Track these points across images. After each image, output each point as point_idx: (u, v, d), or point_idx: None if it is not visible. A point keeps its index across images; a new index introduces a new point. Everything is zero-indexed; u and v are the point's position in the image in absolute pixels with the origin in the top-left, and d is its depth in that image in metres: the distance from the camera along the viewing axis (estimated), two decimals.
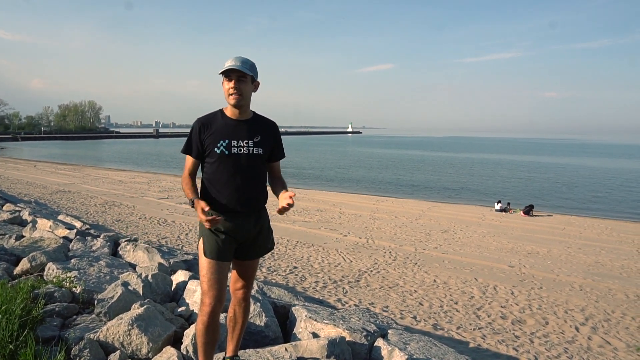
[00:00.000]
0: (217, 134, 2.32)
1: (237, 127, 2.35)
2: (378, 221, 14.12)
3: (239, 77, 2.28)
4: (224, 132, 2.32)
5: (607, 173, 38.89)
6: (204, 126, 2.34)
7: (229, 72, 2.26)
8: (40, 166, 31.31)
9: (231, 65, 2.25)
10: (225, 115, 2.38)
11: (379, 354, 3.05)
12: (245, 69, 2.26)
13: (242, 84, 2.29)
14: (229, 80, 2.28)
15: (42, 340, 2.86)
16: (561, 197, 24.22)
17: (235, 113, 2.37)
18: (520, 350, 5.33)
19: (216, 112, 2.41)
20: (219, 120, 2.36)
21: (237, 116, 2.37)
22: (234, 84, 2.27)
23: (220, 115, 2.39)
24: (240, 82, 2.28)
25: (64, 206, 13.66)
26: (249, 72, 2.28)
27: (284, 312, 3.65)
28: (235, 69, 2.24)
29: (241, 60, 2.28)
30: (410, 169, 40.85)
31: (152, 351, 2.86)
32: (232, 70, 2.25)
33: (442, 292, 7.38)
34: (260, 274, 7.61)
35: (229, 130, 2.33)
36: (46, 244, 5.37)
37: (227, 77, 2.28)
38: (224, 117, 2.38)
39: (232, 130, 2.33)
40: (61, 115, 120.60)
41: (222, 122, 2.36)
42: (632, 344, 5.77)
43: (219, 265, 2.29)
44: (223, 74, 2.28)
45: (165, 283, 4.15)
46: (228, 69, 2.25)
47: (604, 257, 10.51)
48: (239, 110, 2.36)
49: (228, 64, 2.27)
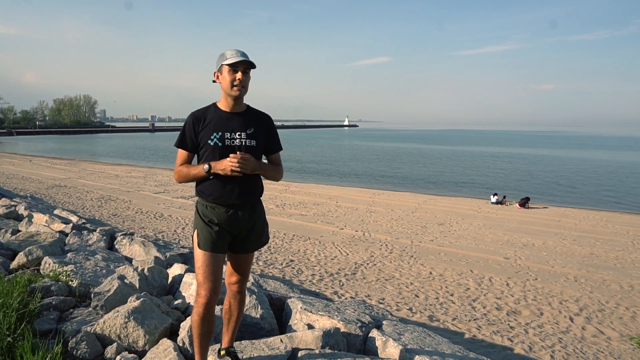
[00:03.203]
0: (211, 126, 2.32)
1: (231, 120, 2.35)
2: (374, 214, 14.16)
3: (244, 70, 2.29)
4: (217, 125, 2.33)
5: (602, 165, 39.06)
6: (198, 120, 2.35)
7: (238, 64, 2.26)
8: (35, 161, 31.17)
9: (240, 57, 2.26)
10: (219, 108, 2.38)
11: (373, 345, 3.09)
12: (252, 62, 2.29)
13: (246, 77, 2.30)
14: (234, 71, 2.28)
15: (39, 333, 2.87)
16: (557, 189, 24.34)
17: (230, 105, 2.37)
18: (515, 341, 5.39)
19: (209, 106, 2.41)
20: (212, 113, 2.37)
21: (231, 109, 2.37)
22: (242, 76, 2.27)
23: (213, 109, 2.39)
24: (245, 75, 2.29)
25: (60, 201, 13.63)
26: (255, 66, 2.30)
27: (280, 304, 3.68)
28: (246, 60, 2.26)
29: (244, 53, 2.29)
30: (407, 162, 40.92)
31: (148, 343, 2.88)
32: (242, 62, 2.26)
33: (438, 284, 7.43)
34: (256, 267, 7.64)
35: (222, 123, 2.33)
36: (42, 238, 5.37)
37: (233, 68, 2.28)
38: (217, 110, 2.38)
39: (226, 123, 2.34)
40: (56, 109, 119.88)
41: (216, 115, 2.36)
42: (625, 333, 5.84)
43: (214, 257, 2.31)
44: (230, 65, 2.27)
45: (161, 276, 4.17)
46: (239, 61, 2.25)
47: (599, 249, 10.59)
48: (235, 102, 2.36)
49: (231, 54, 2.27)
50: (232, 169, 2.21)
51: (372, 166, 36.44)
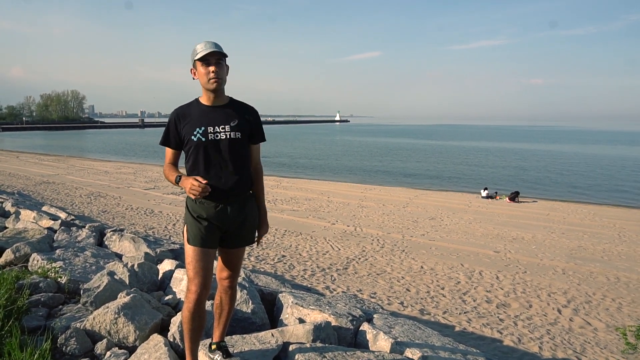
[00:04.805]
0: (193, 122, 2.30)
1: (213, 113, 2.32)
2: (366, 209, 14.20)
3: (217, 61, 2.25)
4: (200, 120, 2.30)
5: (593, 159, 39.53)
6: (180, 116, 2.32)
7: (209, 56, 2.23)
8: (23, 157, 30.74)
9: (209, 49, 2.22)
10: (201, 103, 2.35)
11: (364, 338, 3.11)
12: (223, 51, 2.25)
13: (220, 68, 2.26)
14: (207, 65, 2.24)
15: (27, 330, 2.84)
16: (546, 183, 24.58)
17: (211, 99, 2.33)
18: (504, 333, 5.46)
19: (192, 102, 2.39)
20: (194, 108, 2.34)
21: (213, 102, 2.34)
22: (215, 68, 2.24)
23: (196, 104, 2.36)
24: (219, 66, 2.25)
25: (48, 197, 13.48)
26: (226, 55, 2.27)
27: (271, 299, 3.68)
28: (215, 51, 2.22)
29: (214, 44, 2.25)
30: (398, 157, 41.03)
31: (139, 339, 2.87)
32: (212, 53, 2.22)
33: (429, 278, 7.49)
34: (248, 262, 7.64)
35: (205, 117, 2.30)
36: (30, 235, 5.32)
37: (205, 62, 2.24)
38: (199, 105, 2.35)
39: (208, 117, 2.31)
40: (43, 105, 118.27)
41: (198, 109, 2.33)
42: (612, 324, 5.94)
43: (204, 253, 2.30)
44: (201, 59, 2.24)
45: (151, 272, 4.15)
46: (208, 53, 2.22)
47: (587, 242, 10.74)
48: (215, 95, 2.32)
49: (201, 48, 2.23)
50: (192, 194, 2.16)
51: (364, 161, 36.49)
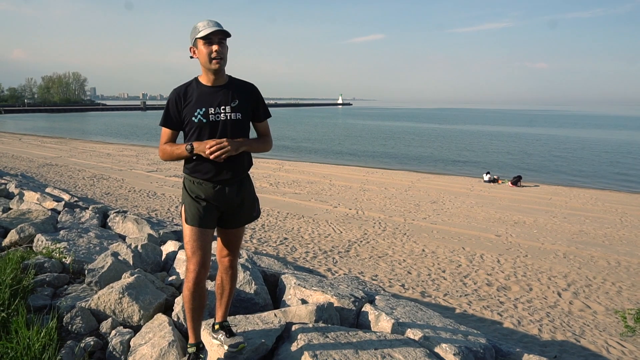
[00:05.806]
0: (194, 103, 2.26)
1: (213, 94, 2.29)
2: (368, 192, 14.21)
3: (220, 40, 2.21)
4: (200, 101, 2.27)
5: (594, 144, 39.31)
6: (180, 97, 2.29)
7: (212, 35, 2.19)
8: (25, 139, 30.76)
9: (213, 27, 2.18)
10: (201, 83, 2.31)
11: (366, 319, 3.14)
12: (227, 31, 2.21)
13: (223, 47, 2.22)
14: (210, 44, 2.20)
15: (33, 309, 2.88)
16: (549, 168, 24.51)
17: (211, 79, 2.30)
18: (505, 315, 5.51)
19: (191, 81, 2.35)
20: (194, 88, 2.30)
21: (213, 82, 2.30)
22: (218, 48, 2.20)
23: (195, 84, 2.32)
24: (222, 46, 2.21)
25: (51, 179, 13.52)
26: (229, 34, 2.22)
27: (274, 280, 3.71)
28: (219, 30, 2.18)
29: (217, 23, 2.21)
30: (401, 140, 40.88)
31: (143, 318, 2.90)
32: (215, 32, 2.18)
33: (430, 261, 7.53)
34: (250, 244, 7.69)
35: (205, 98, 2.27)
36: (34, 216, 5.34)
37: (207, 40, 2.20)
38: (199, 85, 2.31)
39: (208, 98, 2.27)
40: (45, 87, 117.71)
41: (198, 90, 2.29)
42: (611, 307, 5.98)
43: (201, 232, 2.30)
44: (204, 37, 2.19)
45: (155, 253, 4.18)
46: (212, 32, 2.17)
47: (588, 226, 10.75)
48: (215, 75, 2.29)
49: (204, 26, 2.19)
50: (212, 157, 2.15)
51: (366, 145, 36.39)
